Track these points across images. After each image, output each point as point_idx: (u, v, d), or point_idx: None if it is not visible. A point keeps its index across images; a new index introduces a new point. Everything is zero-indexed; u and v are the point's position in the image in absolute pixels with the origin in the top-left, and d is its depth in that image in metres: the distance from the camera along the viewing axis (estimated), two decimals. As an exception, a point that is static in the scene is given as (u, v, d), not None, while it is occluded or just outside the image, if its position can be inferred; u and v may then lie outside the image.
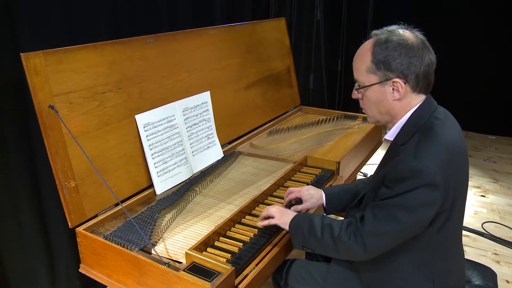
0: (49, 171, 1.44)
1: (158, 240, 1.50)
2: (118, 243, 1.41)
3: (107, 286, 1.49)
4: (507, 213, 3.13)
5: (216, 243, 1.46)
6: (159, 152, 1.78)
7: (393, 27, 1.29)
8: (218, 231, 1.48)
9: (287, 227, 1.41)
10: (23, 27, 1.66)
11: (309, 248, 1.36)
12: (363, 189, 1.54)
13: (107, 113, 1.61)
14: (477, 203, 3.28)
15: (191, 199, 1.78)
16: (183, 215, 1.67)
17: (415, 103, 1.28)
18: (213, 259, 1.30)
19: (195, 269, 1.27)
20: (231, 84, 2.31)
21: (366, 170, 3.68)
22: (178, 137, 1.88)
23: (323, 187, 1.75)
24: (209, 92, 2.08)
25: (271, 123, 2.64)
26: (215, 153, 2.10)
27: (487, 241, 2.81)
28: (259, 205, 1.72)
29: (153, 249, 1.36)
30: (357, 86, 1.33)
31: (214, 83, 2.16)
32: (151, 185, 1.77)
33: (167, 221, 1.60)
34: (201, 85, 2.07)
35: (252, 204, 1.67)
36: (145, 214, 1.62)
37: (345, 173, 2.11)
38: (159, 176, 1.77)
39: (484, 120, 4.65)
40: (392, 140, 1.32)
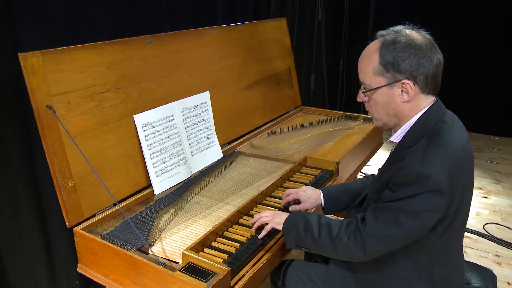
0: (49, 171, 1.44)
1: (155, 240, 1.50)
2: (115, 243, 1.41)
3: (105, 286, 1.50)
4: (509, 214, 3.12)
5: (213, 244, 1.46)
6: (158, 152, 1.78)
7: (399, 27, 1.26)
8: (215, 231, 1.48)
9: (280, 227, 1.40)
10: (23, 27, 1.67)
11: (304, 247, 1.35)
12: (364, 189, 1.53)
13: (106, 113, 1.61)
14: (479, 204, 3.26)
15: (189, 199, 1.79)
16: (181, 215, 1.67)
17: (423, 105, 1.25)
18: (209, 260, 1.30)
19: (191, 269, 1.27)
20: (231, 84, 2.31)
21: (367, 170, 3.67)
22: (177, 137, 1.88)
23: (321, 188, 1.75)
24: (208, 92, 2.08)
25: (272, 123, 2.64)
26: (215, 153, 2.10)
27: (488, 242, 2.80)
28: (257, 205, 1.72)
29: (149, 249, 1.36)
30: (363, 88, 1.29)
31: (214, 83, 2.16)
32: (149, 185, 1.77)
33: (165, 221, 1.60)
34: (200, 85, 2.07)
35: (250, 204, 1.67)
36: (143, 214, 1.62)
37: (345, 173, 2.11)
38: (157, 176, 1.77)
39: (487, 121, 4.62)
40: (397, 142, 1.29)
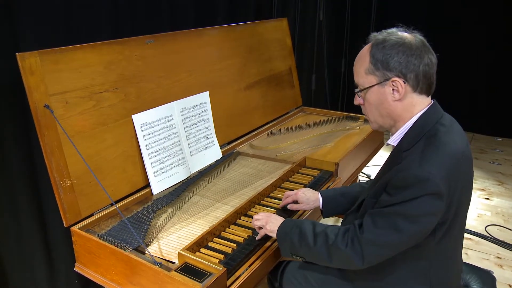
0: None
1: (152, 240, 1.50)
2: (112, 243, 1.42)
3: (103, 285, 1.50)
4: (511, 216, 3.10)
5: (209, 244, 1.46)
6: (156, 152, 1.78)
7: (393, 29, 1.27)
8: (212, 231, 1.48)
9: (274, 234, 1.38)
10: (23, 27, 1.67)
11: (299, 256, 1.33)
12: (362, 194, 1.52)
13: (104, 113, 1.62)
14: (481, 206, 3.24)
15: (187, 199, 1.79)
16: (179, 215, 1.67)
17: (419, 106, 1.24)
18: (205, 260, 1.30)
19: (187, 270, 1.27)
20: (231, 84, 2.31)
21: (367, 171, 3.66)
22: (175, 137, 1.88)
23: (320, 189, 1.75)
24: (208, 92, 2.08)
25: (272, 123, 2.63)
26: (214, 154, 2.10)
27: (490, 244, 2.78)
28: (255, 206, 1.71)
29: (146, 249, 1.36)
30: (357, 90, 1.31)
31: (214, 84, 2.16)
32: (148, 185, 1.77)
33: (162, 221, 1.60)
34: (200, 85, 2.07)
35: (247, 205, 1.67)
36: (141, 213, 1.62)
37: (344, 174, 2.10)
38: (156, 176, 1.78)
39: (490, 122, 4.60)
40: (395, 145, 1.28)
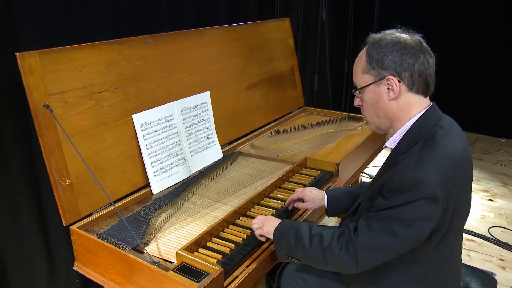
0: (49, 170, 1.45)
1: (151, 239, 1.50)
2: (111, 242, 1.42)
3: (103, 285, 1.51)
4: (515, 218, 3.08)
5: (208, 244, 1.46)
6: (156, 151, 1.79)
7: (391, 30, 1.27)
8: (210, 231, 1.48)
9: (270, 235, 1.37)
10: (23, 27, 1.68)
11: (295, 258, 1.32)
12: (360, 196, 1.51)
13: (104, 113, 1.62)
14: (484, 207, 3.22)
15: (187, 199, 1.79)
16: (178, 215, 1.67)
17: (416, 107, 1.23)
18: (203, 260, 1.30)
19: (184, 269, 1.27)
20: (232, 84, 2.31)
21: (370, 172, 3.64)
22: (176, 137, 1.88)
23: (324, 189, 1.75)
24: (209, 92, 2.08)
25: (274, 123, 2.63)
26: (214, 153, 2.10)
27: (493, 246, 2.76)
28: (255, 206, 1.71)
29: (144, 249, 1.36)
30: (354, 90, 1.32)
31: (214, 83, 2.16)
32: (148, 185, 1.77)
33: (162, 221, 1.60)
34: (201, 85, 2.07)
35: (247, 205, 1.67)
36: (140, 213, 1.62)
37: (345, 175, 2.09)
38: (155, 175, 1.78)
39: (495, 122, 4.57)
40: (392, 148, 1.27)
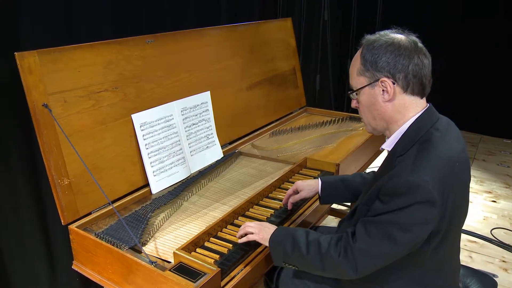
0: (49, 169, 1.45)
1: (149, 239, 1.50)
2: (109, 241, 1.42)
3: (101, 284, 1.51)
4: (518, 219, 3.06)
5: (206, 244, 1.46)
6: (156, 151, 1.79)
7: (386, 31, 1.27)
8: (208, 231, 1.48)
9: (266, 243, 1.36)
10: (24, 27, 1.69)
11: (292, 264, 1.31)
12: (363, 186, 1.50)
13: (103, 112, 1.62)
14: (487, 209, 3.20)
15: (186, 199, 1.79)
16: (177, 214, 1.68)
17: (412, 109, 1.22)
18: (200, 260, 1.30)
19: (181, 269, 1.27)
20: (233, 84, 2.31)
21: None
22: (175, 136, 1.88)
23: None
24: (209, 92, 2.08)
25: (275, 123, 2.63)
26: (215, 153, 2.10)
27: (495, 247, 2.74)
28: (254, 206, 1.71)
29: (141, 248, 1.36)
30: (350, 91, 1.31)
31: (215, 83, 2.16)
32: (147, 184, 1.78)
33: (160, 220, 1.61)
34: (201, 85, 2.07)
35: (245, 205, 1.66)
36: (139, 212, 1.63)
37: (345, 175, 2.08)
38: (155, 175, 1.78)
39: (499, 123, 4.54)
40: (389, 150, 1.26)
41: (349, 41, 4.68)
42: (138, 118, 1.74)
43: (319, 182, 1.62)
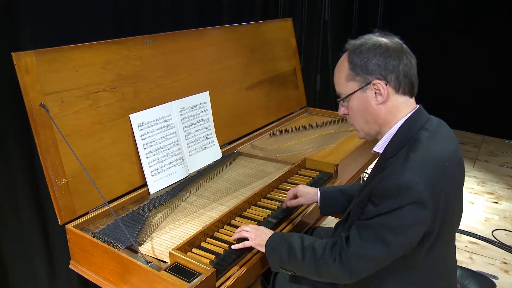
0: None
1: (146, 239, 1.51)
2: (105, 241, 1.43)
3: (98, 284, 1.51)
4: (520, 221, 3.04)
5: (202, 244, 1.46)
6: (154, 151, 1.79)
7: (369, 35, 1.27)
8: (205, 231, 1.48)
9: (262, 249, 1.35)
10: (23, 27, 1.69)
11: (289, 270, 1.31)
12: (352, 202, 1.49)
13: (101, 112, 1.63)
14: (489, 210, 3.19)
15: (184, 199, 1.79)
16: (174, 214, 1.68)
17: (403, 109, 1.22)
18: (196, 260, 1.30)
19: (176, 269, 1.27)
20: (232, 84, 2.31)
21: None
22: (174, 137, 1.88)
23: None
24: (208, 92, 2.08)
25: (275, 124, 2.62)
26: (213, 153, 2.10)
27: (496, 249, 2.73)
28: (251, 206, 1.71)
29: (137, 248, 1.36)
30: (339, 99, 1.29)
31: (214, 84, 2.16)
32: (145, 184, 1.78)
33: (157, 220, 1.61)
34: (200, 85, 2.07)
35: (242, 205, 1.66)
36: (136, 212, 1.63)
37: (344, 176, 2.08)
38: (153, 175, 1.78)
39: (502, 124, 4.51)
40: (381, 152, 1.26)
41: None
42: (136, 118, 1.74)
43: (318, 193, 1.62)
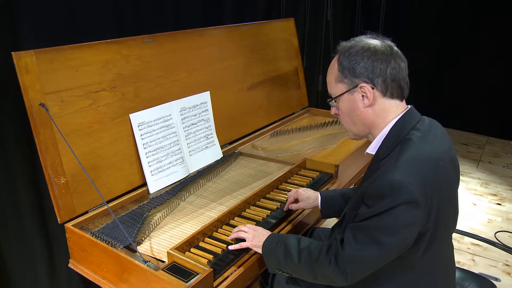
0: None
1: (144, 238, 1.51)
2: (104, 240, 1.43)
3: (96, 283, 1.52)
4: (523, 222, 3.02)
5: (200, 244, 1.46)
6: (154, 151, 1.79)
7: (361, 37, 1.27)
8: (203, 231, 1.48)
9: (259, 250, 1.35)
10: (24, 27, 1.70)
11: (286, 272, 1.31)
12: (347, 205, 1.49)
13: (101, 112, 1.63)
14: (492, 211, 3.16)
15: (184, 199, 1.79)
16: (173, 214, 1.68)
17: (392, 112, 1.22)
18: (194, 260, 1.30)
19: (174, 269, 1.28)
20: (233, 84, 2.31)
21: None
22: (174, 136, 1.89)
23: (320, 190, 1.74)
24: (208, 92, 2.08)
25: (276, 124, 2.62)
26: (214, 153, 2.10)
27: (499, 251, 2.71)
28: (250, 206, 1.71)
29: (135, 248, 1.37)
30: (329, 99, 1.30)
31: (215, 83, 2.16)
32: (145, 184, 1.78)
33: (156, 220, 1.61)
34: (201, 85, 2.07)
35: (242, 205, 1.66)
36: (135, 212, 1.63)
37: (345, 177, 2.07)
38: (152, 175, 1.79)
39: (507, 125, 4.48)
40: (374, 154, 1.26)
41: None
42: (136, 117, 1.74)
43: (319, 197, 1.62)
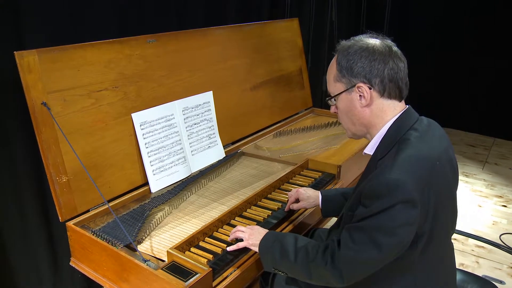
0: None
1: (145, 237, 1.51)
2: (105, 239, 1.44)
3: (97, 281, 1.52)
4: (529, 225, 2.99)
5: (200, 243, 1.46)
6: (156, 150, 1.80)
7: (360, 36, 1.27)
8: (204, 231, 1.48)
9: (256, 248, 1.35)
10: (28, 26, 1.71)
11: (281, 271, 1.31)
12: (345, 206, 1.48)
13: (103, 111, 1.64)
14: (497, 213, 3.14)
15: (185, 198, 1.79)
16: (175, 213, 1.68)
17: (390, 112, 1.22)
18: (194, 259, 1.30)
19: (173, 268, 1.28)
20: (237, 84, 2.31)
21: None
22: (176, 136, 1.89)
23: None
24: (211, 92, 2.08)
25: (279, 124, 2.62)
26: (216, 153, 2.10)
27: (503, 253, 2.68)
28: (251, 206, 1.71)
29: (135, 246, 1.37)
30: (328, 98, 1.31)
31: (218, 83, 2.16)
32: (146, 183, 1.79)
33: (157, 219, 1.61)
34: (204, 85, 2.08)
35: (243, 205, 1.66)
36: (137, 211, 1.64)
37: (347, 178, 2.06)
38: (154, 174, 1.79)
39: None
40: (371, 154, 1.25)
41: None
42: (138, 117, 1.75)
43: (319, 196, 1.61)
